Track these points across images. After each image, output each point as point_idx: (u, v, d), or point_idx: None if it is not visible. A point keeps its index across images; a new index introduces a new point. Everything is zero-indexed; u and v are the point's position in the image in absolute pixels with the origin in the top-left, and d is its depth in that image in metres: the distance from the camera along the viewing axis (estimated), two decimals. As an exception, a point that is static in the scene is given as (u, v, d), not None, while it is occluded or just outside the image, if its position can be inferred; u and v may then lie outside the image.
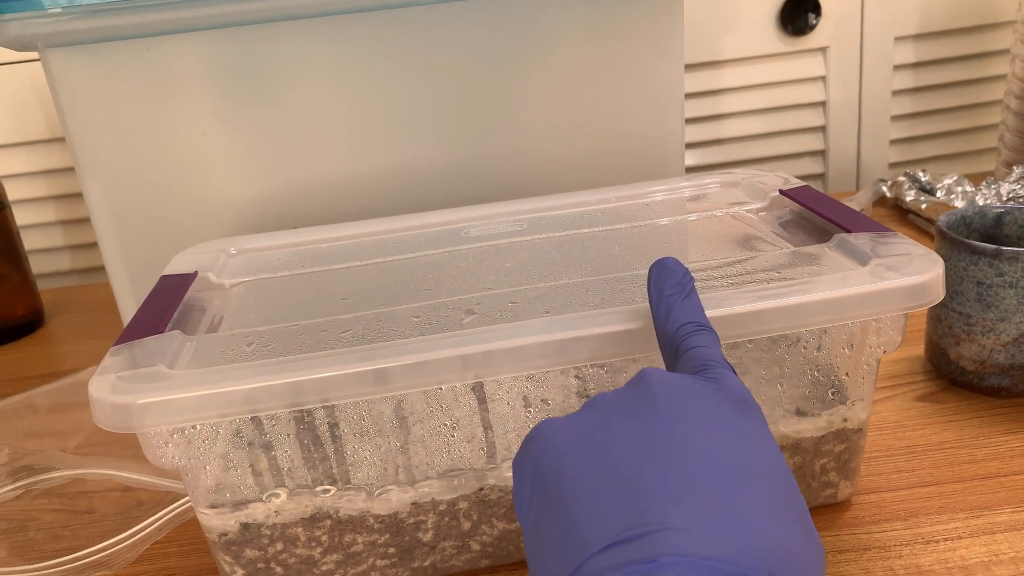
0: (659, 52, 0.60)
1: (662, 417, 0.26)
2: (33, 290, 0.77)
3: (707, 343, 0.30)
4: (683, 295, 0.33)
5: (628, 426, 0.26)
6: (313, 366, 0.34)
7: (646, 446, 0.25)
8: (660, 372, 0.28)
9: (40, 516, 0.48)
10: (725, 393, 0.27)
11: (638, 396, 0.27)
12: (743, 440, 0.25)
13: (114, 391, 0.34)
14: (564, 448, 0.26)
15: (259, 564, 0.39)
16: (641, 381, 0.28)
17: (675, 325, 0.32)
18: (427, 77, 0.58)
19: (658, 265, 0.34)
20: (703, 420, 0.26)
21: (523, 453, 0.27)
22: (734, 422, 0.26)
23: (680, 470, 0.24)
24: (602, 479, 0.24)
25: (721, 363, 0.29)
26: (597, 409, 0.27)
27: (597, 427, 0.26)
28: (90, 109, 0.56)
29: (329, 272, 0.47)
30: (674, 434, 0.25)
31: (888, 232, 0.41)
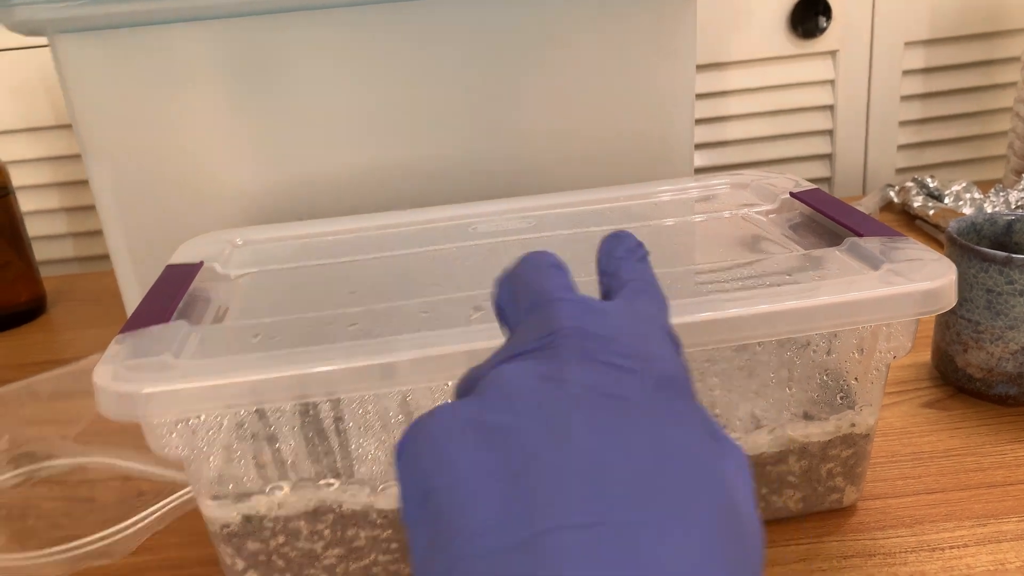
0: (670, 52, 0.60)
1: (561, 416, 0.21)
2: (36, 277, 0.76)
3: (651, 301, 0.26)
4: (635, 258, 0.29)
5: (527, 425, 0.21)
6: (320, 359, 0.34)
7: (544, 444, 0.20)
8: (569, 368, 0.22)
9: (40, 504, 0.48)
10: (645, 380, 0.22)
11: (544, 384, 0.22)
12: (656, 443, 0.20)
13: (119, 380, 0.34)
14: (453, 458, 0.21)
15: (260, 556, 0.39)
16: (557, 377, 0.22)
17: (621, 284, 0.27)
18: (435, 72, 0.58)
19: (611, 235, 0.30)
20: (609, 425, 0.20)
21: (413, 454, 0.22)
22: (649, 419, 0.21)
23: (584, 469, 0.19)
24: (497, 480, 0.19)
25: (661, 333, 0.25)
26: (500, 393, 0.22)
27: (504, 435, 0.21)
28: (98, 96, 0.56)
29: (336, 265, 0.47)
30: (573, 433, 0.20)
31: (900, 237, 0.41)
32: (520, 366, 0.22)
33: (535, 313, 0.25)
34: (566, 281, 0.26)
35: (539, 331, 0.24)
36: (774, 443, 0.40)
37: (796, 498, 0.42)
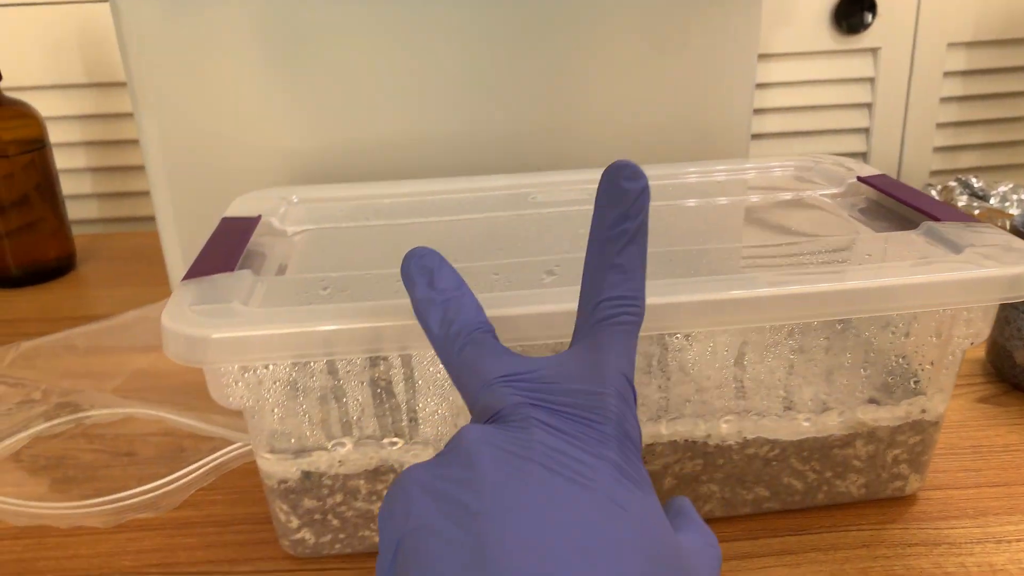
0: (736, 37, 0.59)
1: (517, 485, 0.22)
2: (68, 234, 0.75)
3: (618, 342, 0.26)
4: (624, 240, 0.27)
5: (484, 488, 0.22)
6: (394, 313, 0.33)
7: (499, 515, 0.22)
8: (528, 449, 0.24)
9: (79, 456, 0.47)
10: (596, 452, 0.24)
11: (503, 453, 0.23)
12: (612, 513, 0.22)
13: (189, 324, 0.33)
14: (424, 511, 0.23)
15: (316, 515, 0.38)
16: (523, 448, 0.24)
17: (599, 292, 0.27)
18: (498, 41, 0.57)
19: (610, 174, 0.27)
20: (564, 490, 0.22)
21: (388, 507, 0.24)
22: (602, 491, 0.22)
23: (531, 545, 0.21)
24: (455, 553, 0.21)
25: (616, 393, 0.25)
26: (461, 459, 0.24)
27: (459, 484, 0.23)
28: (154, 52, 0.55)
29: (395, 226, 0.46)
30: (523, 507, 0.22)
31: (980, 223, 0.40)
32: (488, 430, 0.24)
33: (487, 392, 0.26)
34: (493, 335, 0.29)
35: (498, 404, 0.26)
36: (843, 426, 0.39)
37: (859, 483, 0.41)
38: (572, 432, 0.24)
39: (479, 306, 0.29)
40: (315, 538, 0.39)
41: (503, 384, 0.26)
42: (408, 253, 0.30)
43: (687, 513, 0.28)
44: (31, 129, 0.71)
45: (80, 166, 0.90)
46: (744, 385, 0.38)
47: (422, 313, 0.29)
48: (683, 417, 0.38)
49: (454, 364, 0.28)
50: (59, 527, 0.42)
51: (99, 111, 0.88)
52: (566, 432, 0.24)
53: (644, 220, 0.27)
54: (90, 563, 0.39)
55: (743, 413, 0.39)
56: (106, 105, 0.87)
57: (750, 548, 0.39)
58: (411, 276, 0.30)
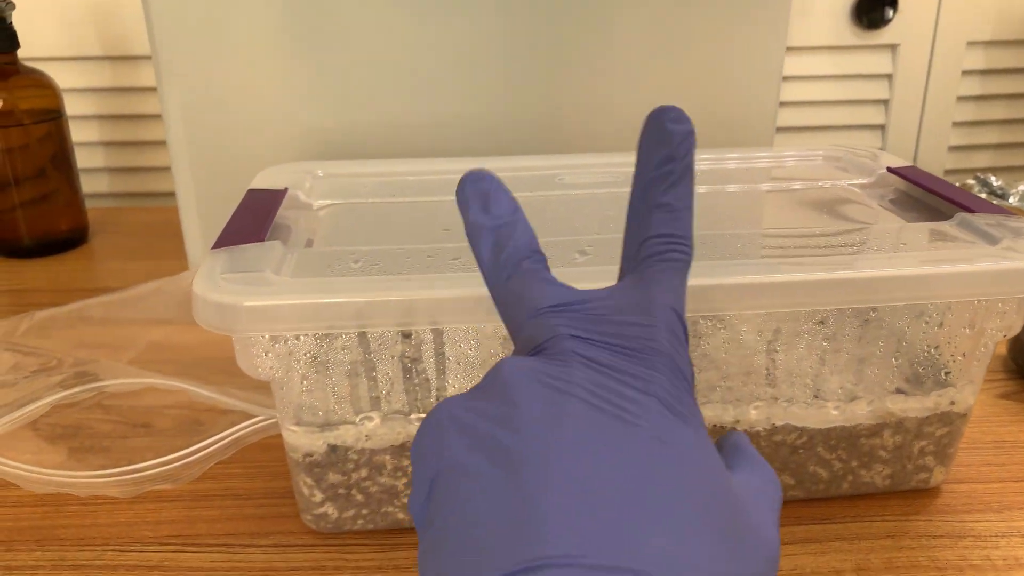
0: (765, 29, 0.58)
1: (557, 421, 0.21)
2: (81, 206, 0.75)
3: (667, 278, 0.25)
4: (671, 180, 0.26)
5: (523, 424, 0.21)
6: (428, 286, 0.33)
7: (539, 454, 0.21)
8: (571, 369, 0.23)
9: (96, 426, 0.47)
10: (643, 387, 0.22)
11: (543, 388, 0.22)
12: (658, 450, 0.21)
13: (220, 291, 0.32)
14: (459, 450, 0.22)
15: (340, 489, 0.38)
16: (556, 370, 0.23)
17: (645, 230, 0.26)
18: (530, 22, 0.57)
19: (654, 117, 0.27)
20: (607, 427, 0.21)
21: (420, 443, 0.23)
22: (647, 427, 0.21)
23: (575, 487, 0.20)
24: (493, 496, 0.20)
25: (665, 327, 0.24)
26: (499, 392, 0.23)
27: (496, 422, 0.22)
28: (180, 24, 0.54)
29: (423, 203, 0.46)
30: (565, 446, 0.21)
31: (1015, 216, 0.40)
32: (527, 363, 0.23)
33: (533, 323, 0.25)
34: (544, 264, 0.27)
35: (542, 337, 0.24)
36: (872, 415, 0.39)
37: (884, 474, 0.41)
38: (618, 367, 0.23)
39: (532, 234, 0.28)
40: (338, 513, 0.38)
41: (552, 314, 0.25)
42: (464, 176, 0.29)
43: (743, 449, 0.27)
44: (48, 99, 0.70)
45: (94, 139, 0.89)
46: (774, 372, 0.38)
47: (473, 238, 0.28)
48: (711, 403, 0.38)
49: (501, 292, 0.27)
50: (78, 495, 0.41)
51: (113, 84, 0.87)
52: (611, 367, 0.23)
53: (690, 162, 0.26)
54: (109, 532, 0.39)
55: (772, 400, 0.38)
56: (121, 78, 0.86)
57: (774, 535, 0.39)
58: (465, 200, 0.28)
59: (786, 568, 0.37)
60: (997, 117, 0.97)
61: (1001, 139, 0.98)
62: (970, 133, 0.98)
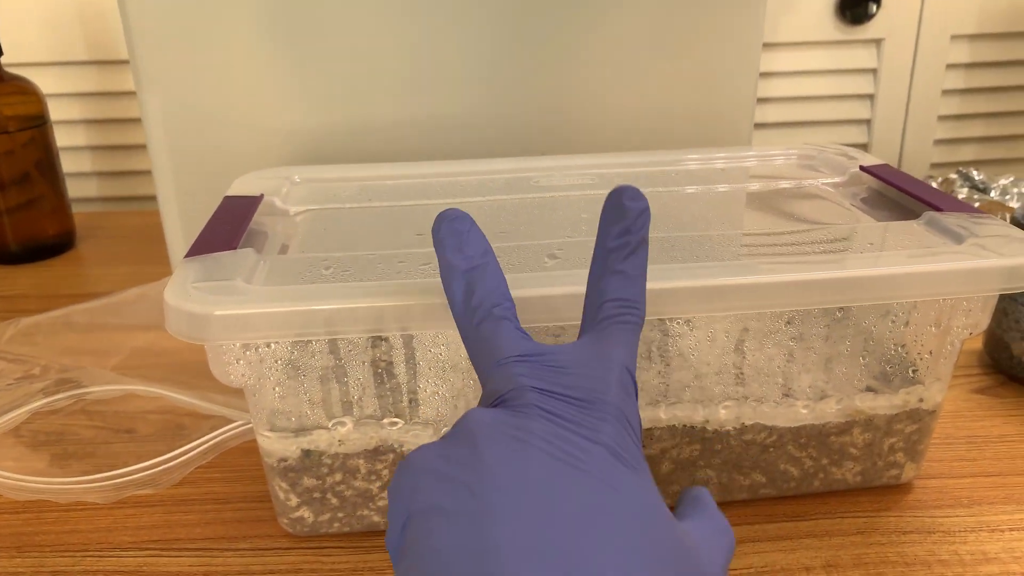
0: (741, 26, 0.59)
1: (517, 467, 0.23)
2: (67, 211, 0.75)
3: (621, 337, 0.28)
4: (627, 251, 0.29)
5: (486, 470, 0.23)
6: (397, 293, 0.33)
7: (499, 496, 0.23)
8: (529, 424, 0.25)
9: (79, 432, 0.47)
10: (593, 437, 0.25)
11: (505, 437, 0.24)
12: (606, 495, 0.23)
13: (191, 300, 0.33)
14: (430, 492, 0.24)
15: (315, 494, 0.38)
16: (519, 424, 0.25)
17: (603, 294, 0.29)
18: (502, 25, 0.57)
19: (615, 195, 0.29)
20: (562, 473, 0.23)
21: (396, 484, 0.25)
22: (596, 474, 0.24)
23: (530, 525, 0.22)
24: (458, 532, 0.22)
25: (617, 382, 0.26)
26: (466, 441, 0.25)
27: (464, 467, 0.24)
28: (158, 28, 0.54)
29: (398, 208, 0.46)
30: (523, 490, 0.23)
31: (981, 213, 0.40)
32: (491, 414, 0.25)
33: (499, 370, 0.27)
34: (512, 312, 0.29)
35: (505, 386, 0.27)
36: (840, 413, 0.39)
37: (855, 471, 0.41)
38: (571, 418, 0.25)
39: (502, 277, 0.30)
40: (314, 516, 0.39)
41: (516, 363, 0.27)
42: (440, 215, 0.30)
43: (701, 501, 0.28)
44: (32, 105, 0.70)
45: (80, 144, 0.90)
46: (743, 372, 0.38)
47: (446, 279, 0.30)
48: (682, 402, 0.38)
49: (471, 336, 0.29)
50: (58, 502, 0.42)
51: (99, 89, 0.87)
52: (565, 418, 0.25)
53: (645, 236, 0.29)
54: (89, 538, 0.40)
55: (742, 399, 0.39)
56: (106, 83, 0.87)
57: (746, 533, 0.39)
58: (441, 239, 0.30)
59: (757, 565, 0.38)
60: (982, 110, 0.97)
61: (986, 132, 0.98)
62: (955, 127, 0.98)
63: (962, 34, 0.93)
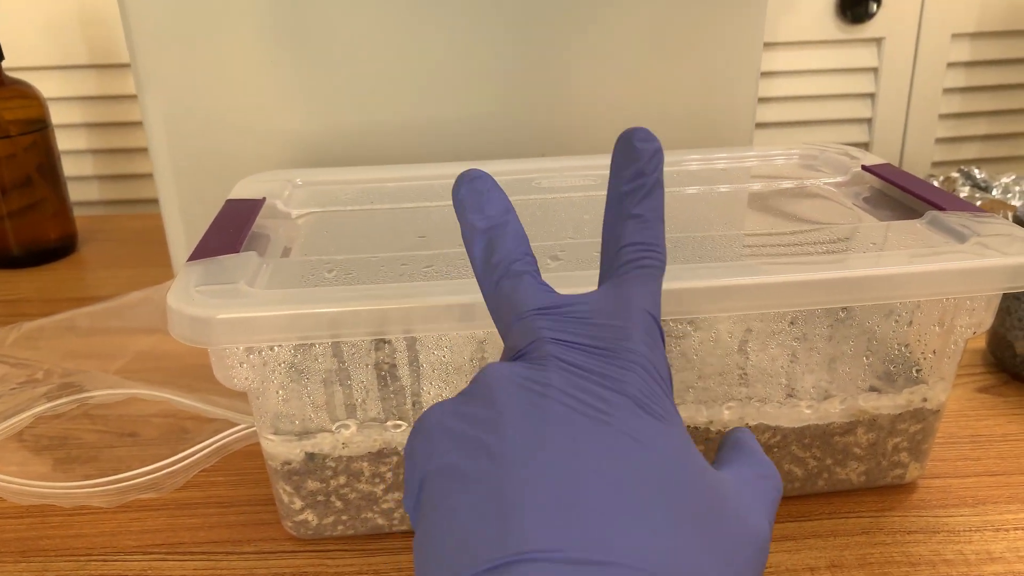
0: (741, 25, 0.59)
1: (536, 423, 0.22)
2: (69, 215, 0.75)
3: (642, 283, 0.26)
4: (642, 193, 0.28)
5: (504, 427, 0.22)
6: (400, 295, 0.33)
7: (518, 454, 0.22)
8: (546, 370, 0.24)
9: (82, 436, 0.47)
10: (617, 388, 0.24)
11: (523, 392, 0.23)
12: (630, 447, 0.22)
13: (194, 304, 0.33)
14: (446, 453, 0.23)
15: (319, 496, 0.38)
16: (537, 371, 0.24)
17: (619, 240, 0.28)
18: (503, 26, 0.57)
19: (625, 137, 0.29)
20: (583, 427, 0.22)
21: (411, 446, 0.25)
22: (619, 426, 0.23)
23: (551, 485, 0.21)
24: (475, 495, 0.21)
25: (641, 329, 0.25)
26: (483, 397, 0.24)
27: (480, 425, 0.23)
28: (159, 32, 0.54)
29: (400, 210, 0.46)
30: (543, 447, 0.22)
31: (984, 212, 0.40)
32: (509, 368, 0.24)
33: (519, 325, 0.26)
34: (533, 267, 0.28)
35: (525, 340, 0.25)
36: (844, 413, 0.39)
37: (859, 471, 0.41)
38: (594, 369, 0.24)
39: (522, 235, 0.29)
40: (318, 519, 0.39)
41: (535, 316, 0.26)
42: (460, 176, 0.30)
43: (743, 445, 0.27)
44: (33, 110, 0.70)
45: (81, 147, 0.90)
46: (747, 372, 0.38)
47: (468, 240, 0.29)
48: (685, 403, 0.38)
49: (491, 295, 0.28)
50: (62, 506, 0.42)
51: (101, 92, 0.87)
52: (588, 369, 0.24)
53: (659, 177, 0.28)
54: (93, 542, 0.40)
55: (745, 400, 0.39)
56: (108, 86, 0.87)
57: (750, 534, 0.39)
58: (461, 200, 0.29)
59: (761, 566, 0.38)
60: (983, 108, 0.97)
61: (988, 130, 0.98)
62: (957, 125, 0.98)
63: (963, 32, 0.93)
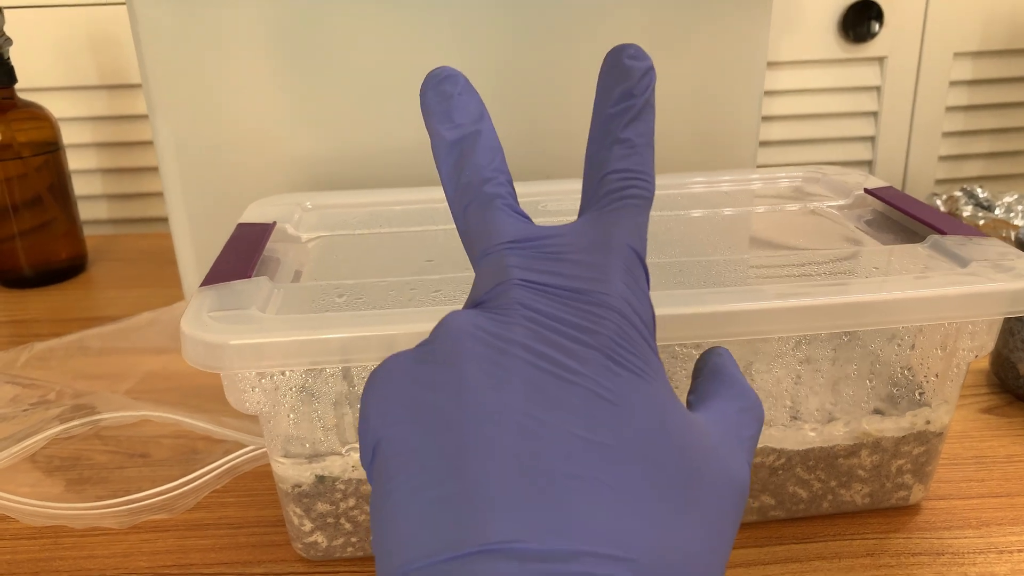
0: (744, 45, 0.59)
1: (497, 387, 0.20)
2: (79, 235, 0.76)
3: (627, 215, 0.24)
4: (630, 115, 0.25)
5: (462, 392, 0.20)
6: (410, 320, 0.34)
7: (477, 426, 0.20)
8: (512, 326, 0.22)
9: (93, 456, 0.48)
10: (588, 340, 0.21)
11: (485, 349, 0.21)
12: (602, 411, 0.20)
13: (207, 330, 0.33)
14: (401, 419, 0.21)
15: (329, 519, 0.39)
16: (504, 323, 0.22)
17: (603, 166, 0.25)
18: (507, 49, 0.58)
19: (613, 54, 0.26)
20: (549, 391, 0.20)
21: (365, 401, 0.22)
22: (590, 385, 0.20)
23: (513, 463, 0.19)
24: (431, 473, 0.19)
25: (621, 267, 0.23)
26: (442, 353, 0.22)
27: (439, 389, 0.21)
28: (170, 54, 0.55)
29: (409, 234, 0.47)
30: (505, 416, 0.20)
31: (985, 236, 0.40)
32: (471, 319, 0.22)
33: (487, 260, 0.24)
34: (506, 188, 0.25)
35: (492, 279, 0.23)
36: (848, 436, 0.40)
37: (863, 493, 0.41)
38: (562, 318, 0.22)
39: (496, 147, 0.26)
40: (327, 541, 0.39)
41: (505, 250, 0.23)
42: (427, 76, 0.27)
43: (721, 372, 0.26)
44: (45, 131, 0.71)
45: (92, 167, 0.91)
46: (751, 395, 0.39)
47: (436, 155, 0.26)
48: (691, 426, 0.39)
49: (461, 224, 0.25)
50: (74, 527, 0.42)
51: (111, 113, 0.88)
52: (555, 318, 0.22)
53: (650, 98, 0.26)
54: (105, 563, 0.40)
55: (750, 422, 0.39)
56: (118, 107, 0.88)
57: (755, 555, 0.40)
58: (428, 107, 0.27)
59: (767, 588, 0.38)
60: (986, 127, 0.98)
61: (991, 148, 0.99)
62: (960, 143, 0.99)
63: (965, 51, 0.94)
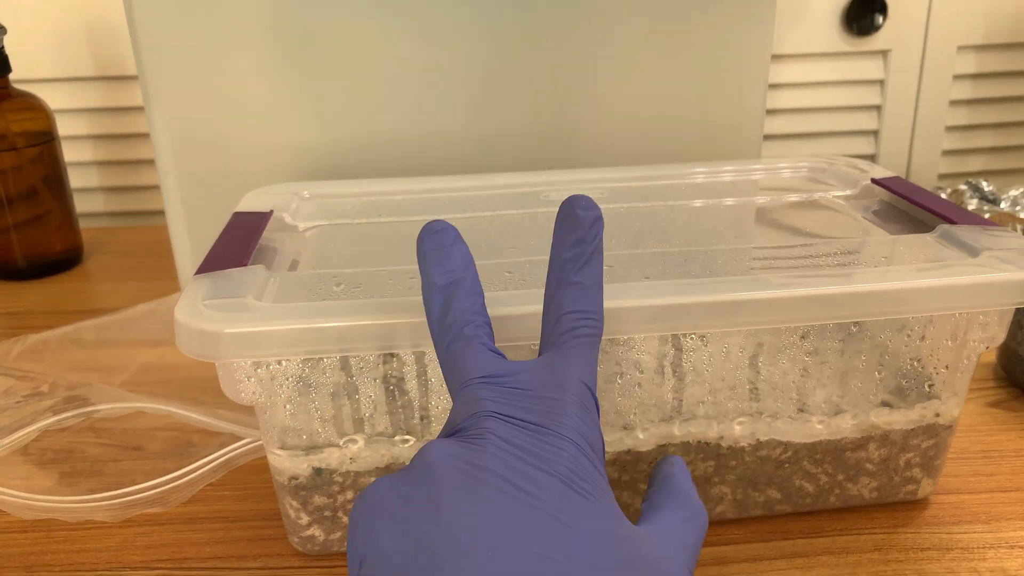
0: (749, 37, 0.59)
1: (470, 509, 0.23)
2: (75, 227, 0.75)
3: (580, 352, 0.28)
4: (582, 261, 0.29)
5: (440, 513, 0.23)
6: (407, 310, 0.33)
7: (452, 543, 0.23)
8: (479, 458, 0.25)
9: (86, 449, 0.47)
10: (548, 468, 0.24)
11: (460, 475, 0.24)
12: (558, 533, 0.23)
13: (202, 319, 0.33)
14: (385, 536, 0.24)
15: (326, 512, 0.38)
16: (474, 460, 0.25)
17: (560, 307, 0.29)
18: (509, 39, 0.57)
19: (567, 205, 0.30)
20: (516, 514, 0.23)
21: (353, 519, 0.25)
22: (549, 509, 0.23)
23: (480, 569, 0.22)
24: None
25: (575, 402, 0.26)
26: (423, 477, 0.25)
27: (420, 510, 0.24)
28: (166, 44, 0.54)
29: (407, 223, 0.46)
30: (477, 537, 0.23)
31: (996, 226, 0.40)
32: (447, 450, 0.25)
33: (464, 392, 0.27)
34: (484, 329, 0.29)
35: (468, 409, 0.26)
36: (856, 429, 0.39)
37: (871, 487, 0.41)
38: (526, 446, 0.25)
39: (478, 292, 0.29)
40: (324, 535, 0.38)
41: (479, 384, 0.27)
42: (424, 227, 0.30)
43: (671, 482, 0.29)
44: (40, 122, 0.70)
45: (87, 159, 0.90)
46: (758, 387, 0.38)
47: (426, 296, 0.30)
48: (696, 418, 0.38)
49: (444, 358, 0.29)
50: (67, 521, 0.41)
51: (107, 104, 0.87)
52: (521, 447, 0.25)
53: (599, 245, 0.29)
54: (98, 557, 0.39)
55: (756, 415, 0.38)
56: (114, 99, 0.87)
57: (761, 550, 0.39)
58: (423, 253, 0.30)
59: (773, 583, 0.37)
60: (990, 120, 0.97)
61: (995, 142, 0.98)
62: (963, 137, 0.98)
63: (969, 45, 0.93)
